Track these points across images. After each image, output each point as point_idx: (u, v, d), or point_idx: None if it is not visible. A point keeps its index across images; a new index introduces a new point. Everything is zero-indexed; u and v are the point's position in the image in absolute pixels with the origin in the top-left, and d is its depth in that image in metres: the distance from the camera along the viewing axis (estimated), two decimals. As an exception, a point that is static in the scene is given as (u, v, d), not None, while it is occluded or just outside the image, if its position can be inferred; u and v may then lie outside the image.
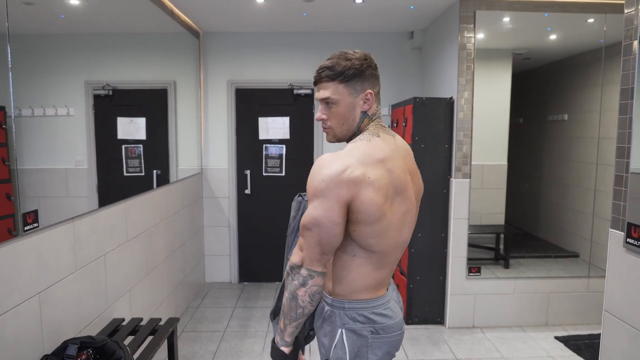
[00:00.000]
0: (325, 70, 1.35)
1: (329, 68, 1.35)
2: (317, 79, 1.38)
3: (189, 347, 3.30)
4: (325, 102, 1.37)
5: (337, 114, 1.37)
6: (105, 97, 2.64)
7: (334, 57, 1.37)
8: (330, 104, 1.36)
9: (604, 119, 3.70)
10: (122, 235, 2.66)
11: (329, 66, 1.35)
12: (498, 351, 3.29)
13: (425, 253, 3.69)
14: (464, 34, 3.45)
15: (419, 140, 3.59)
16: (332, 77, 1.34)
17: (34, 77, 2.00)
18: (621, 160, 1.80)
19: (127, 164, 3.00)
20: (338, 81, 1.34)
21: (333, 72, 1.34)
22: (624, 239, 1.76)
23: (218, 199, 4.66)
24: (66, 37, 2.31)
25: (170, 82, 3.71)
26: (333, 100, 1.35)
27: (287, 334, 1.37)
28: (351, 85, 1.35)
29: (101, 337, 1.93)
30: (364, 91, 1.37)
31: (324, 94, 1.36)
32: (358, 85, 1.36)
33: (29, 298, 1.78)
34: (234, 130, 4.63)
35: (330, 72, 1.34)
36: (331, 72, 1.34)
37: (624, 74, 1.78)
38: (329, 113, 1.38)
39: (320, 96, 1.38)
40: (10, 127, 1.78)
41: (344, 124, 1.39)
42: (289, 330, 1.37)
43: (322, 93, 1.37)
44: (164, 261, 3.42)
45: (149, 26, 3.36)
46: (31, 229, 1.80)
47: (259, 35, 4.52)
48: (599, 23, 3.54)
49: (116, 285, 2.58)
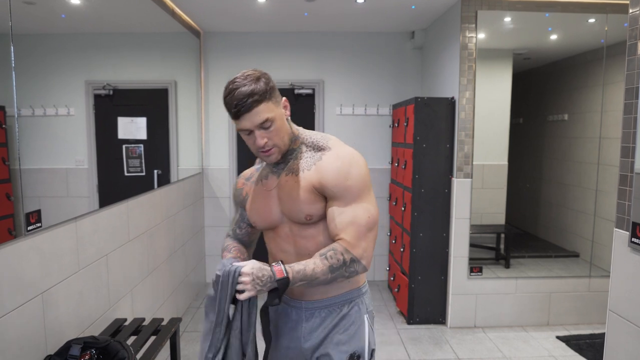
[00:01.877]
0: (249, 98, 1.27)
1: (251, 94, 1.28)
2: (246, 108, 1.28)
3: (190, 347, 3.30)
4: (262, 126, 1.31)
5: (278, 131, 1.34)
6: (105, 97, 2.64)
7: (240, 85, 1.29)
8: (269, 124, 1.32)
9: (605, 119, 3.71)
10: (123, 236, 2.65)
11: (249, 93, 1.28)
12: (500, 351, 3.29)
13: (427, 253, 3.69)
14: (465, 33, 3.45)
15: (421, 140, 3.59)
16: (259, 100, 1.29)
17: (35, 76, 1.99)
18: (626, 159, 1.80)
19: (128, 164, 2.99)
20: (265, 101, 1.30)
21: (258, 94, 1.28)
22: (628, 239, 1.76)
23: (219, 198, 4.66)
24: (67, 36, 2.31)
25: (171, 81, 3.71)
26: (271, 119, 1.31)
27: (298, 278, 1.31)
28: (274, 99, 1.34)
29: (104, 337, 1.92)
30: (281, 100, 1.39)
31: (260, 118, 1.30)
32: (277, 97, 1.37)
33: (32, 298, 1.77)
34: (234, 130, 4.62)
35: (257, 97, 1.28)
36: (257, 96, 1.28)
37: (628, 73, 1.78)
38: (269, 135, 1.33)
39: (256, 122, 1.30)
40: (11, 127, 1.78)
41: (284, 136, 1.37)
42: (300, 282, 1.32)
43: (258, 118, 1.30)
44: (166, 261, 3.41)
45: (150, 26, 3.36)
46: (34, 228, 1.79)
47: (260, 35, 4.51)
48: (600, 23, 3.54)
49: (118, 285, 2.57)
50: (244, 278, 1.26)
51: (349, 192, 1.35)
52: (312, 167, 1.38)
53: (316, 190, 1.37)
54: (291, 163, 1.42)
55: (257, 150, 1.36)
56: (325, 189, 1.36)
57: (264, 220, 1.48)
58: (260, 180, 1.51)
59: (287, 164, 1.43)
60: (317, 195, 1.37)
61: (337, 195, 1.35)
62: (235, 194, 1.60)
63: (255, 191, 1.51)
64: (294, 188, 1.39)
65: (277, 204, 1.44)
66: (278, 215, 1.44)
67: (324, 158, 1.39)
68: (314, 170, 1.38)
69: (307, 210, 1.37)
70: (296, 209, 1.38)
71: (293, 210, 1.39)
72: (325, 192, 1.37)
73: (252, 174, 1.58)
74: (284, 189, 1.41)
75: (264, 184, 1.48)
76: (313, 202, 1.37)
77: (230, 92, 1.29)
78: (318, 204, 1.38)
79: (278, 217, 1.45)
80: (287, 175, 1.41)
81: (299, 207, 1.38)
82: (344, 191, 1.34)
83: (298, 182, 1.38)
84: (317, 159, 1.39)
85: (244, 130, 1.33)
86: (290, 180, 1.40)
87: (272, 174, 1.47)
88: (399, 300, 3.99)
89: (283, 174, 1.43)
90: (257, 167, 1.59)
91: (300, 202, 1.37)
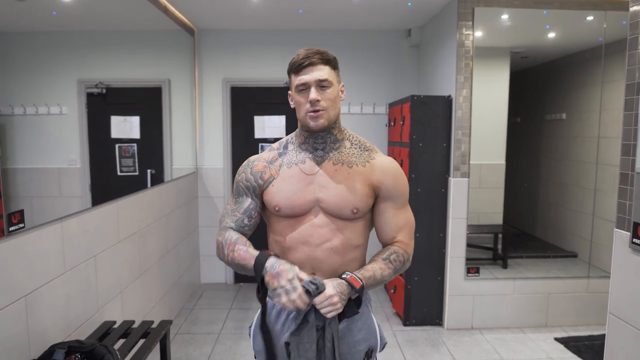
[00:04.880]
0: (317, 54, 1.35)
1: (320, 52, 1.36)
2: (309, 61, 1.34)
3: (182, 350, 3.24)
4: (320, 85, 1.35)
5: (332, 99, 1.38)
6: (98, 96, 2.61)
7: (313, 48, 1.38)
8: (326, 86, 1.35)
9: (604, 118, 3.67)
10: (113, 236, 2.59)
11: (319, 51, 1.36)
12: (497, 353, 3.24)
13: (423, 253, 3.64)
14: (462, 31, 3.41)
15: (417, 139, 3.54)
16: (325, 62, 1.36)
17: (26, 75, 1.97)
18: (627, 158, 1.75)
19: (121, 164, 2.96)
20: (330, 66, 1.37)
21: (326, 57, 1.36)
22: (629, 239, 1.71)
23: (213, 198, 4.60)
24: (58, 34, 2.28)
25: (165, 80, 3.66)
26: (330, 82, 1.36)
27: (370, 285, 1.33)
28: (337, 73, 1.41)
29: (90, 341, 1.87)
30: (340, 81, 1.44)
31: (320, 75, 1.34)
32: (338, 75, 1.42)
33: (15, 301, 1.72)
34: (229, 129, 4.57)
35: (324, 56, 1.36)
36: (325, 56, 1.36)
37: (629, 68, 1.74)
38: (323, 96, 1.36)
39: (316, 77, 1.34)
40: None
41: (335, 108, 1.40)
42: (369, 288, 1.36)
43: (319, 74, 1.34)
44: (158, 262, 3.35)
45: (143, 23, 3.31)
46: (17, 229, 1.74)
47: (255, 32, 4.46)
48: (599, 20, 3.50)
49: (107, 287, 2.51)
50: (335, 299, 1.24)
51: (403, 196, 1.44)
52: (367, 164, 1.42)
53: (372, 186, 1.40)
54: (336, 153, 1.42)
55: (306, 110, 1.36)
56: (384, 188, 1.41)
57: (293, 205, 1.39)
58: (294, 164, 1.43)
59: (327, 153, 1.42)
60: (371, 191, 1.40)
61: (393, 197, 1.42)
62: (250, 177, 1.46)
63: (288, 174, 1.42)
64: (347, 179, 1.39)
65: (316, 190, 1.39)
66: (312, 202, 1.39)
67: (378, 158, 1.44)
68: (370, 167, 1.41)
69: (357, 203, 1.37)
70: (346, 199, 1.37)
71: (342, 200, 1.37)
72: (381, 191, 1.41)
73: (274, 157, 1.47)
74: (334, 177, 1.39)
75: (301, 167, 1.42)
76: (366, 196, 1.39)
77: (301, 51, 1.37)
78: (369, 199, 1.40)
79: (311, 204, 1.39)
80: (335, 164, 1.41)
81: (349, 198, 1.37)
82: (400, 194, 1.43)
83: (352, 174, 1.39)
84: (369, 157, 1.43)
85: (300, 86, 1.35)
86: (342, 170, 1.40)
87: (310, 159, 1.42)
88: (395, 302, 3.94)
89: (328, 162, 1.41)
90: (277, 151, 1.49)
91: (353, 194, 1.37)
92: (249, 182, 1.46)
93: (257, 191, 1.45)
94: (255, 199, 1.46)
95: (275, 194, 1.40)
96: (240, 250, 1.37)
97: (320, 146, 1.42)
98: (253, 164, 1.48)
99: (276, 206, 1.40)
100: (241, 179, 1.49)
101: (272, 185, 1.42)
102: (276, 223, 1.45)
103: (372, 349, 1.45)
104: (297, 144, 1.46)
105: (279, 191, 1.40)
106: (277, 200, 1.40)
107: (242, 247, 1.38)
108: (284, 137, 1.53)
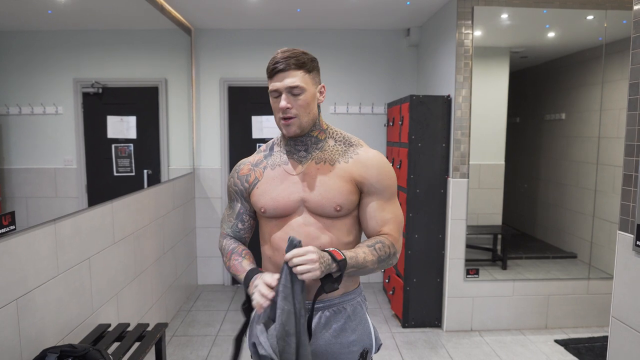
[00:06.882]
0: (288, 60, 1.32)
1: (291, 57, 1.33)
2: (281, 67, 1.32)
3: (179, 352, 3.20)
4: (291, 92, 1.33)
5: (304, 103, 1.35)
6: (94, 95, 2.59)
7: (288, 50, 1.35)
8: (297, 93, 1.33)
9: (604, 118, 3.64)
10: (108, 238, 2.55)
11: (292, 56, 1.33)
12: (497, 355, 3.21)
13: (422, 255, 3.61)
14: (461, 30, 3.37)
15: (416, 139, 3.51)
16: (298, 66, 1.33)
17: (22, 74, 1.95)
18: (630, 158, 1.71)
19: (117, 164, 2.93)
20: (304, 70, 1.34)
21: (299, 61, 1.33)
22: (633, 242, 1.68)
23: (210, 199, 4.56)
24: (54, 33, 2.25)
25: (162, 79, 3.63)
26: (301, 89, 1.33)
27: (351, 264, 1.28)
28: (312, 77, 1.38)
29: (83, 345, 1.83)
30: (319, 83, 1.41)
31: (291, 82, 1.32)
32: (316, 77, 1.40)
33: (6, 305, 1.68)
34: (226, 129, 4.53)
35: (296, 61, 1.33)
36: (297, 61, 1.33)
37: (633, 67, 1.70)
38: (294, 102, 1.34)
39: (287, 84, 1.32)
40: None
41: (309, 113, 1.37)
42: (351, 269, 1.30)
43: (289, 81, 1.32)
44: (154, 264, 3.31)
45: (139, 22, 3.28)
46: (7, 231, 1.70)
47: (252, 32, 4.42)
48: (599, 20, 3.47)
49: (102, 289, 2.47)
50: (314, 256, 1.20)
51: (388, 190, 1.40)
52: (350, 159, 1.40)
53: (355, 182, 1.38)
54: (319, 152, 1.42)
55: (278, 117, 1.37)
56: (367, 183, 1.38)
57: (278, 206, 1.40)
58: (277, 165, 1.45)
59: (310, 153, 1.42)
60: (354, 187, 1.38)
61: (377, 191, 1.39)
62: (237, 181, 1.51)
63: (271, 175, 1.44)
64: (329, 177, 1.38)
65: (299, 190, 1.40)
66: (297, 202, 1.40)
67: (361, 153, 1.41)
68: (353, 163, 1.39)
69: (340, 200, 1.36)
70: (328, 197, 1.36)
71: (324, 198, 1.37)
72: (364, 186, 1.39)
73: (259, 160, 1.50)
74: (316, 177, 1.39)
75: (285, 168, 1.43)
76: (348, 192, 1.37)
77: (277, 54, 1.36)
78: (352, 196, 1.38)
79: (296, 204, 1.40)
80: (317, 163, 1.41)
81: (331, 195, 1.36)
82: (385, 188, 1.39)
83: (334, 172, 1.38)
84: (353, 153, 1.41)
85: (273, 92, 1.35)
86: (324, 168, 1.39)
87: (294, 160, 1.43)
88: (393, 303, 3.91)
89: (311, 162, 1.41)
90: (263, 153, 1.52)
91: (335, 191, 1.36)
92: (237, 186, 1.51)
93: (244, 194, 1.50)
94: (245, 203, 1.52)
95: (260, 196, 1.43)
96: (235, 261, 1.44)
97: (302, 148, 1.43)
98: (239, 168, 1.53)
99: (262, 208, 1.43)
100: (230, 184, 1.54)
101: (256, 187, 1.45)
102: (265, 224, 1.48)
103: (366, 350, 1.44)
104: (282, 145, 1.48)
105: (263, 193, 1.43)
106: (262, 202, 1.42)
107: (237, 258, 1.44)
108: (272, 139, 1.55)
